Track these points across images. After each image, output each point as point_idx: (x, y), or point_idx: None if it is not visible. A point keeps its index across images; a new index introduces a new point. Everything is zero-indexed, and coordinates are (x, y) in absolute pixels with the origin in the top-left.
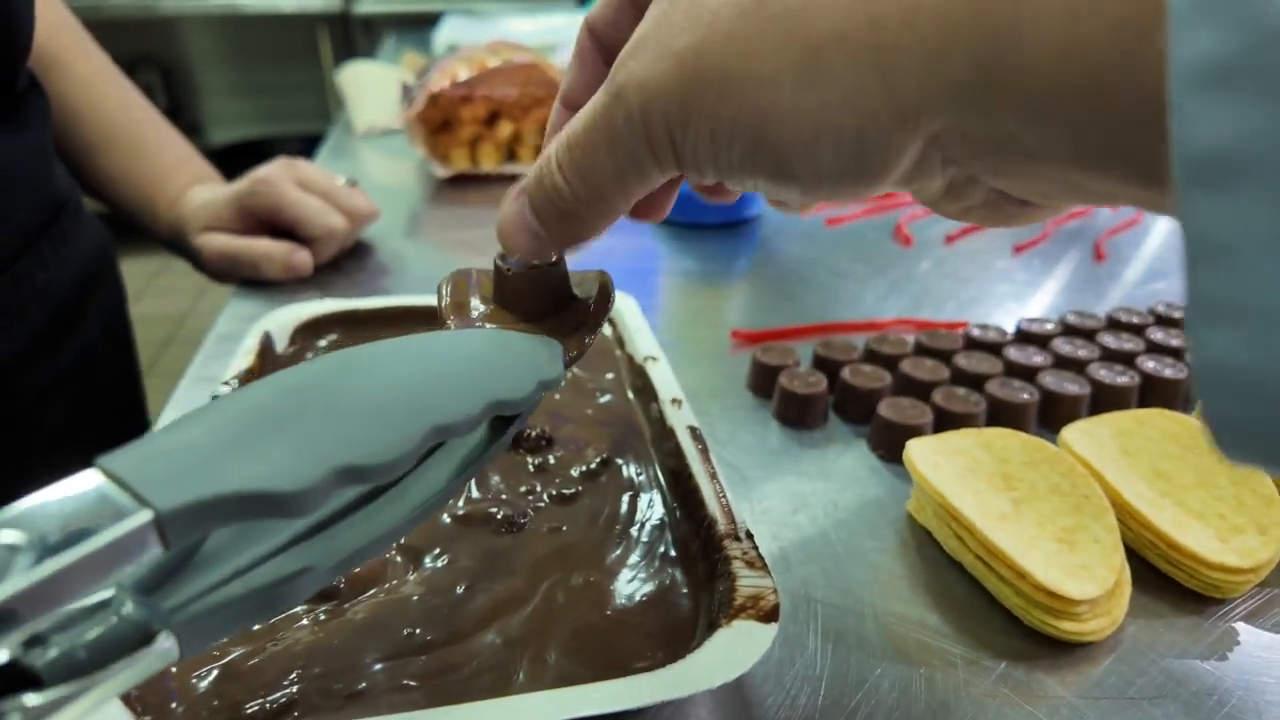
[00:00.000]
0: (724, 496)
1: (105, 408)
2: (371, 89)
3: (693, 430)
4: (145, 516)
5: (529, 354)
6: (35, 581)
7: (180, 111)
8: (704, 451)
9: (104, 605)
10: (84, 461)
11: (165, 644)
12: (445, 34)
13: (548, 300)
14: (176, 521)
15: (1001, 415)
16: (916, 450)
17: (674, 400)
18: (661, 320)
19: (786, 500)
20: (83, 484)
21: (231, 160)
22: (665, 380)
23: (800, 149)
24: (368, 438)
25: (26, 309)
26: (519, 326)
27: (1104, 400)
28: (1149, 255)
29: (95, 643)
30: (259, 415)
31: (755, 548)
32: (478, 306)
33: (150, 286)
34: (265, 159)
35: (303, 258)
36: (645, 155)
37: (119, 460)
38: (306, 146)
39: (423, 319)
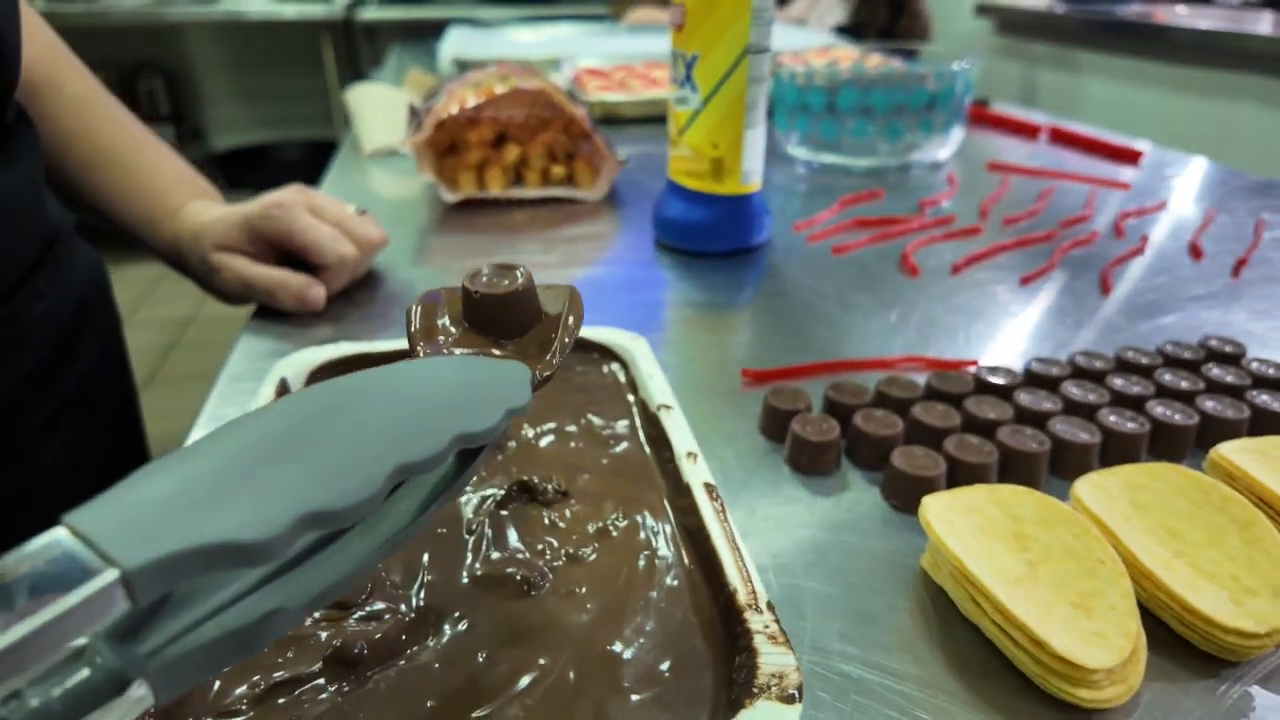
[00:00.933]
0: (744, 563)
1: (105, 435)
2: (380, 110)
3: (709, 488)
4: (112, 575)
5: (496, 382)
6: (6, 645)
7: (183, 117)
8: (721, 511)
9: (78, 655)
10: (86, 493)
11: (139, 691)
12: (450, 47)
13: (516, 320)
14: (143, 578)
15: (1014, 464)
16: (932, 508)
17: (689, 454)
18: (669, 355)
19: (801, 551)
20: (50, 542)
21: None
22: (680, 431)
23: None
24: (332, 482)
25: (24, 342)
26: (488, 349)
27: (1114, 448)
28: (1155, 285)
29: (70, 694)
30: (225, 463)
31: (777, 620)
32: (447, 330)
33: (153, 292)
34: (268, 164)
35: (317, 293)
36: None
37: (85, 518)
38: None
39: None
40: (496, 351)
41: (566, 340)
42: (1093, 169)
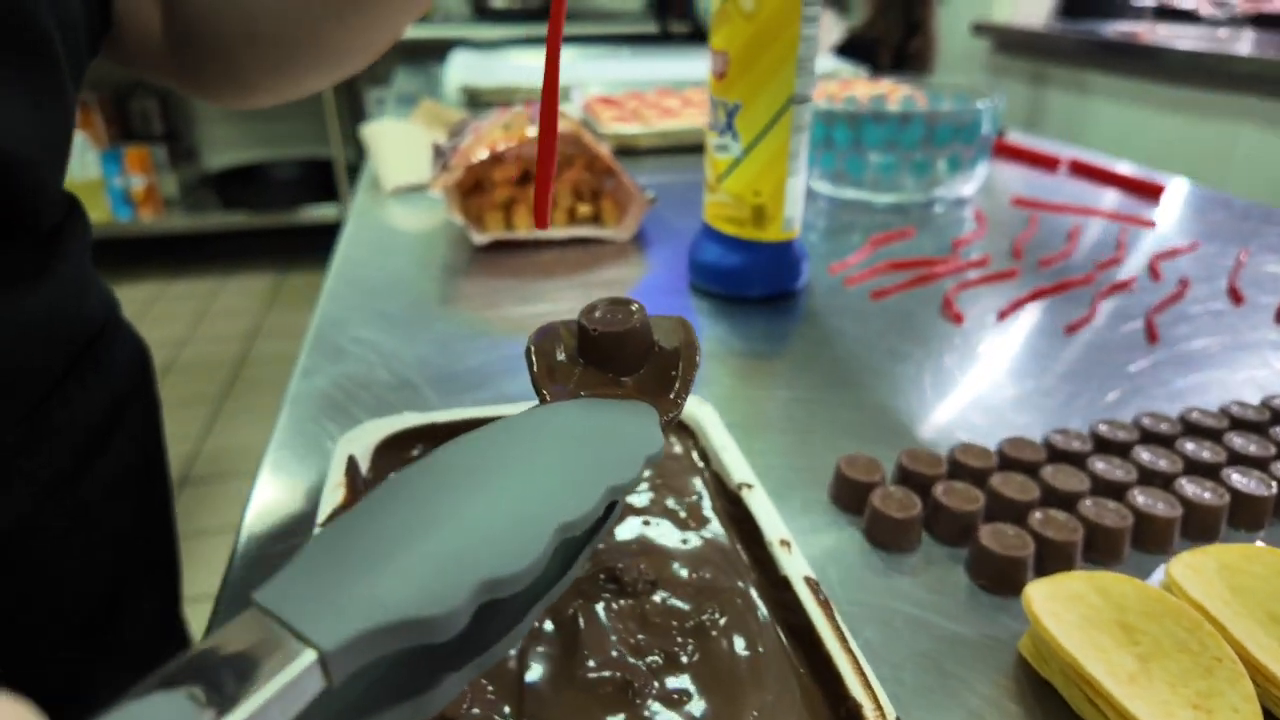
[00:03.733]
0: (864, 672)
1: (135, 533)
2: (398, 147)
3: (812, 584)
4: (311, 656)
5: (630, 426)
6: None
7: (177, 137)
8: (829, 612)
9: None
10: (104, 602)
11: None
12: (456, 74)
13: (632, 355)
14: (340, 658)
15: (1098, 539)
16: (1036, 599)
17: (783, 542)
18: (717, 408)
19: (890, 636)
20: (246, 623)
21: (229, 185)
22: (768, 515)
23: None
24: (501, 547)
25: (48, 449)
26: (608, 389)
27: (1195, 520)
28: (1200, 332)
29: None
30: (394, 530)
31: None
32: (567, 369)
33: (148, 313)
34: (262, 183)
35: None
36: None
37: (275, 597)
38: (304, 171)
39: None
40: (618, 390)
41: (690, 378)
42: (1116, 203)
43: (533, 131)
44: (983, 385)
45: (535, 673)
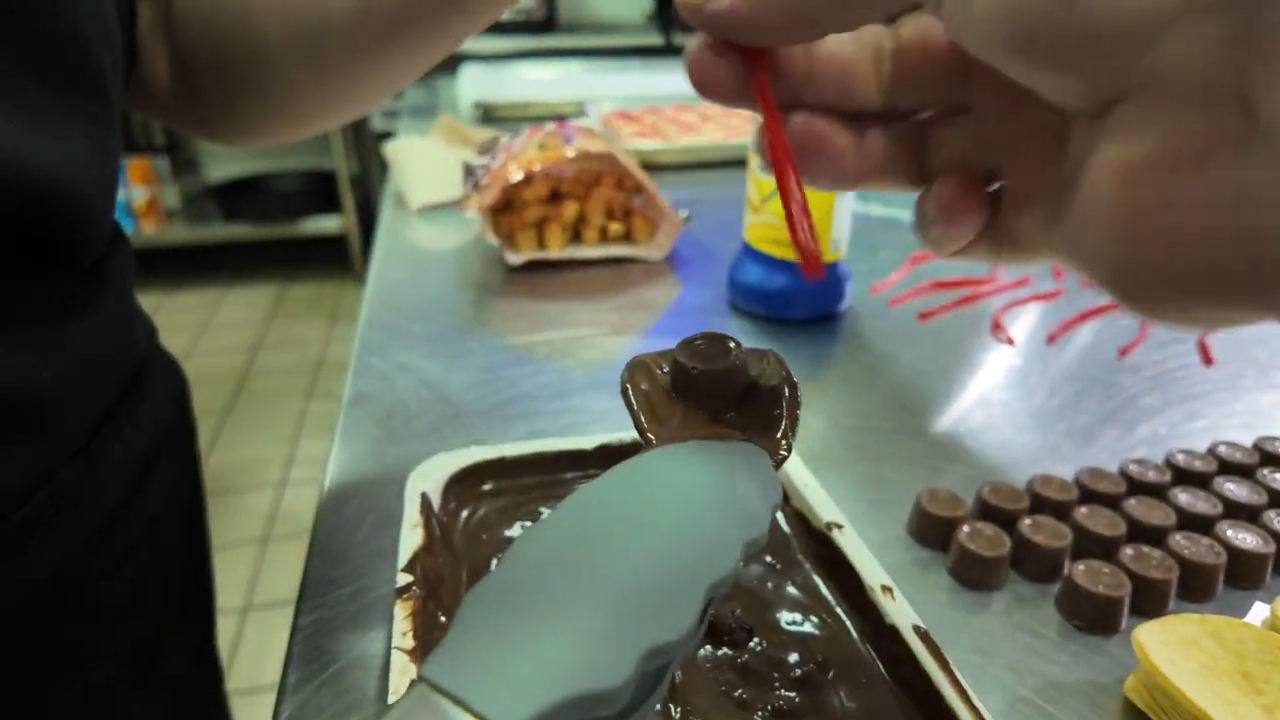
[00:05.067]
0: None
1: (171, 565)
2: (423, 165)
3: (921, 633)
4: None
5: (749, 474)
6: None
7: (178, 148)
8: (944, 664)
9: None
10: (149, 637)
11: None
12: (469, 89)
13: (730, 393)
14: None
15: (1192, 577)
16: (1150, 645)
17: (884, 588)
18: None
19: (990, 681)
20: (416, 702)
21: (231, 197)
22: (864, 559)
23: None
24: (661, 613)
25: (101, 488)
26: (715, 430)
27: None
28: (1254, 352)
29: None
30: (545, 596)
31: None
32: (667, 409)
33: None
34: (264, 195)
35: None
36: None
37: (445, 673)
38: (306, 183)
39: (572, 463)
40: (724, 432)
41: (795, 416)
42: None
43: (570, 153)
44: (1045, 411)
45: None
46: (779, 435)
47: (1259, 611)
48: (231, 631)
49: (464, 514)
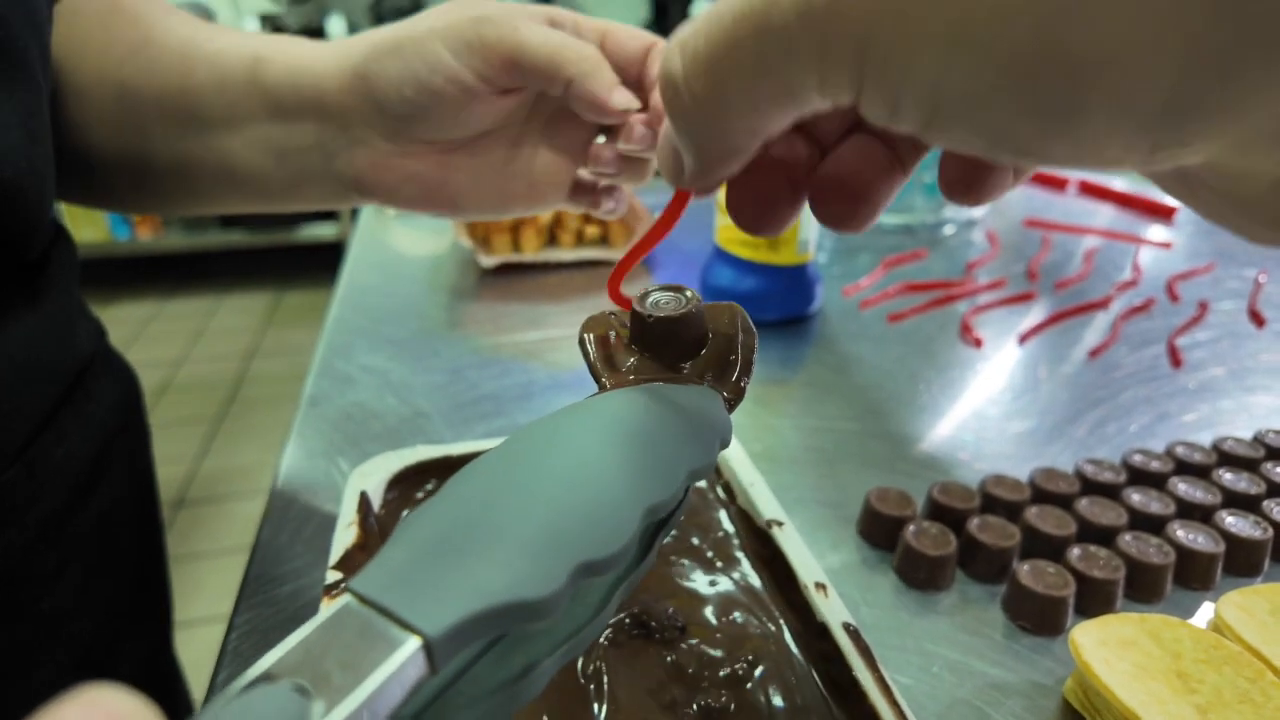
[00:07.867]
0: None
1: (121, 570)
2: None
3: (852, 632)
4: (415, 644)
5: (698, 411)
6: None
7: None
8: (871, 662)
9: None
10: (98, 640)
11: None
12: None
13: (691, 342)
14: (443, 645)
15: (1140, 578)
16: (1086, 646)
17: (818, 585)
18: (737, 438)
19: (930, 682)
20: (343, 612)
21: None
22: (802, 556)
23: (1127, 63)
24: (595, 530)
25: (40, 492)
26: (669, 375)
27: (1238, 556)
28: (1222, 356)
29: None
30: (483, 514)
31: None
32: (623, 357)
33: (144, 332)
34: None
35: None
36: (808, 63)
37: (373, 585)
38: None
39: None
40: (678, 376)
41: (750, 360)
42: (1127, 225)
43: None
44: (1007, 413)
45: None
46: (733, 378)
47: (1207, 612)
48: (221, 639)
49: (405, 513)
